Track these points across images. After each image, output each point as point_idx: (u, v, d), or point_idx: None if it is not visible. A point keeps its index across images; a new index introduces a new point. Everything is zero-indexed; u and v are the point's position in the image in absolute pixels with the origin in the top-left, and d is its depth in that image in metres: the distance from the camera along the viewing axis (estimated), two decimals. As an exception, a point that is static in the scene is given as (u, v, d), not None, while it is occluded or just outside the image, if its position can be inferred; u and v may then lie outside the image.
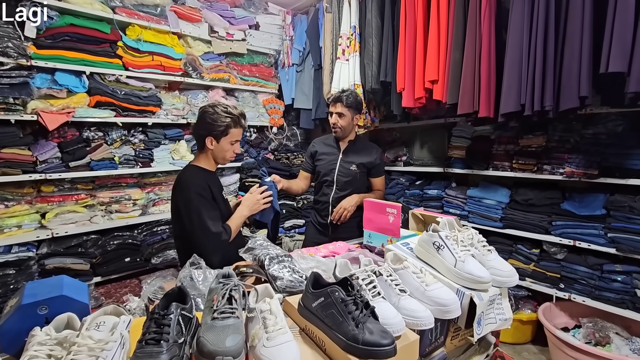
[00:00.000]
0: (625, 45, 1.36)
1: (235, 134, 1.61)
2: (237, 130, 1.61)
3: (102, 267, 2.40)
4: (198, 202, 1.53)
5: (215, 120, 1.55)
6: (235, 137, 1.61)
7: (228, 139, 1.59)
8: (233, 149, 1.64)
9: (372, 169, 2.16)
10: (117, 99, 2.41)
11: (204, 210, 1.53)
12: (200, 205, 1.53)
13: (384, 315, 0.77)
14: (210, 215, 1.54)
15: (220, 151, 1.61)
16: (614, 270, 2.08)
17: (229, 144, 1.61)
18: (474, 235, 1.03)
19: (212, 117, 1.56)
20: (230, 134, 1.59)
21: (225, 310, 0.71)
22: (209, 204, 1.56)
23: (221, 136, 1.58)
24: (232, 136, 1.60)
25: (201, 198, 1.54)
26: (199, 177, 1.59)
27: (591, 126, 2.14)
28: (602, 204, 2.11)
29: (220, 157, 1.65)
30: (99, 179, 2.49)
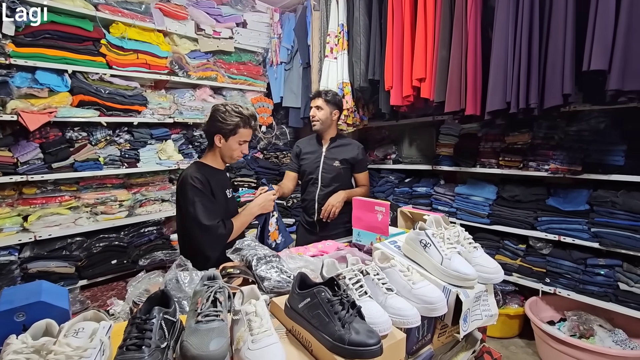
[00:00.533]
0: (606, 44, 1.39)
1: (244, 134, 1.63)
2: (246, 131, 1.63)
3: (87, 270, 2.35)
4: (193, 194, 1.54)
5: (225, 119, 1.58)
6: (244, 137, 1.63)
7: (236, 138, 1.62)
8: (241, 149, 1.66)
9: (355, 164, 2.19)
10: (101, 98, 2.36)
11: (198, 203, 1.53)
12: (196, 197, 1.54)
13: (371, 314, 0.77)
14: (205, 208, 1.54)
15: (228, 150, 1.64)
16: (597, 264, 2.13)
17: (237, 144, 1.63)
18: (460, 233, 1.04)
19: (223, 115, 1.58)
20: (239, 134, 1.61)
21: (210, 313, 0.70)
22: (205, 198, 1.56)
23: (230, 135, 1.60)
24: (241, 136, 1.62)
25: (197, 191, 1.54)
26: (199, 172, 1.60)
27: (575, 123, 2.18)
28: (585, 199, 2.16)
29: (227, 155, 1.67)
30: (84, 180, 2.44)
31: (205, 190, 1.58)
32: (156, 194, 2.77)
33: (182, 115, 2.80)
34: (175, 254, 2.72)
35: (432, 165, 2.93)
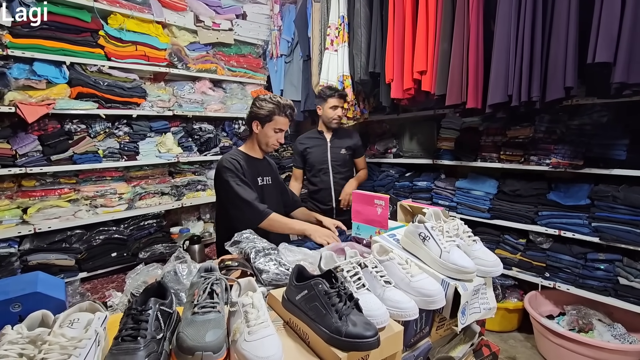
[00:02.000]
0: (611, 36, 1.36)
1: (280, 122, 1.69)
2: (281, 119, 1.68)
3: (87, 263, 2.36)
4: (227, 175, 1.62)
5: (262, 106, 1.67)
6: (279, 125, 1.69)
7: (272, 125, 1.68)
8: (277, 137, 1.71)
9: (356, 150, 2.48)
10: (99, 90, 2.34)
11: (233, 182, 1.61)
12: (230, 178, 1.62)
13: (368, 307, 0.76)
14: (240, 186, 1.61)
15: (264, 137, 1.70)
16: (597, 259, 2.13)
17: (273, 131, 1.69)
18: (459, 226, 1.03)
19: (260, 102, 1.68)
20: (275, 121, 1.67)
21: (206, 305, 0.70)
22: (237, 177, 1.63)
23: (265, 121, 1.67)
24: (276, 123, 1.68)
25: (230, 172, 1.63)
26: (232, 156, 1.70)
27: (577, 117, 2.17)
28: (586, 194, 2.14)
29: (263, 142, 1.73)
30: (83, 172, 2.43)
31: (240, 173, 1.65)
32: (156, 187, 2.77)
33: (182, 108, 2.78)
34: (175, 247, 2.73)
35: (433, 160, 2.91)
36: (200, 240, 2.66)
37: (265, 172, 1.82)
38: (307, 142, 2.43)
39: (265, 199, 1.76)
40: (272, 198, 1.82)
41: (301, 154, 2.43)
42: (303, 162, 2.46)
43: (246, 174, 1.68)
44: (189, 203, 2.90)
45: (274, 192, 1.85)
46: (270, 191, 1.81)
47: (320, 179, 2.41)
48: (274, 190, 1.84)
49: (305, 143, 2.43)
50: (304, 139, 2.46)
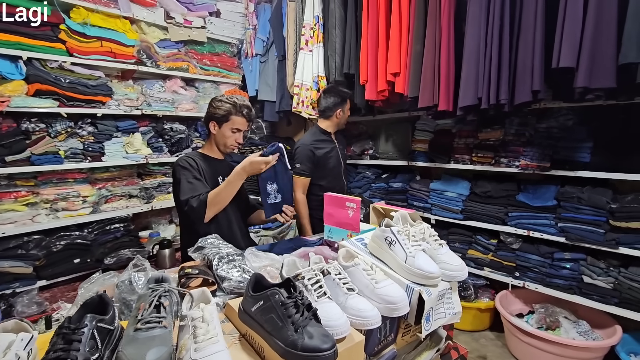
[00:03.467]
0: (574, 41, 1.40)
1: (237, 122, 1.66)
2: (238, 119, 1.66)
3: (47, 270, 2.22)
4: (180, 174, 1.58)
5: (218, 106, 1.65)
6: (236, 125, 1.67)
7: (229, 125, 1.66)
8: (234, 137, 1.69)
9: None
10: (60, 88, 2.21)
11: (183, 181, 1.56)
12: (182, 176, 1.57)
13: (328, 316, 0.73)
14: (188, 184, 1.55)
15: (221, 137, 1.69)
16: (563, 258, 2.19)
17: (230, 131, 1.67)
18: (425, 229, 1.02)
19: (217, 103, 1.67)
20: (232, 121, 1.65)
21: (151, 320, 0.65)
22: (190, 175, 1.58)
23: (223, 121, 1.65)
24: (234, 123, 1.66)
25: (183, 169, 1.59)
26: (190, 156, 1.67)
27: (544, 120, 2.22)
28: (553, 195, 2.20)
29: (221, 143, 1.71)
30: (43, 174, 2.29)
31: (193, 170, 1.60)
32: (123, 190, 2.65)
33: (151, 107, 2.67)
34: (143, 251, 2.62)
35: (408, 161, 2.93)
36: (171, 244, 2.56)
37: (226, 173, 1.72)
38: (323, 146, 2.21)
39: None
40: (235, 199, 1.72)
41: (317, 160, 2.18)
42: (314, 169, 2.19)
43: (204, 173, 1.65)
44: (159, 206, 2.79)
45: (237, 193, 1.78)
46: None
47: (335, 185, 2.27)
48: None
49: (322, 147, 2.20)
50: (317, 142, 2.21)
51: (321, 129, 2.29)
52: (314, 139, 2.25)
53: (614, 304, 1.98)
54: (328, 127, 2.29)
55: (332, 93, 2.23)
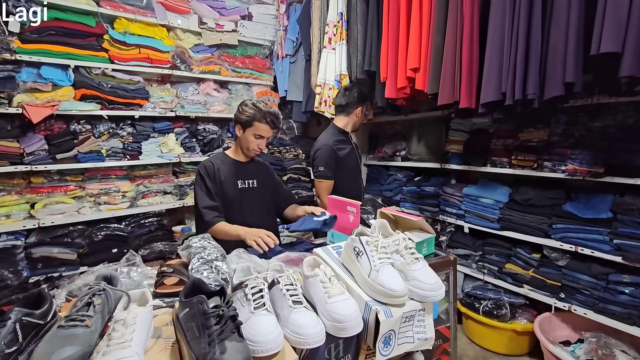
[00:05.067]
0: (619, 21, 1.15)
1: (260, 129, 1.66)
2: (262, 125, 1.66)
3: (89, 257, 2.45)
4: (196, 180, 1.70)
5: (243, 110, 1.68)
6: (259, 132, 1.67)
7: (252, 130, 1.67)
8: (257, 143, 1.70)
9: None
10: (103, 92, 2.43)
11: (197, 188, 1.68)
12: (196, 183, 1.69)
13: (257, 331, 0.67)
14: (202, 193, 1.67)
15: (244, 141, 1.71)
16: (621, 281, 1.85)
17: (253, 137, 1.68)
18: (401, 241, 0.91)
19: (242, 107, 1.70)
20: (255, 127, 1.66)
21: (76, 318, 0.65)
22: (204, 184, 1.67)
23: (246, 126, 1.68)
24: (256, 129, 1.66)
25: (199, 177, 1.69)
26: (212, 159, 1.74)
27: (598, 118, 1.90)
28: (609, 206, 1.87)
29: (245, 147, 1.74)
30: (89, 171, 2.54)
31: (209, 177, 1.68)
32: (159, 186, 2.83)
33: (184, 109, 2.82)
34: (175, 245, 2.77)
35: (441, 164, 2.72)
36: (199, 239, 2.67)
37: (249, 176, 1.78)
38: (344, 147, 2.13)
39: (243, 203, 1.74)
40: (255, 202, 1.79)
41: (340, 161, 2.09)
42: (336, 170, 2.09)
43: (223, 177, 1.70)
44: (191, 202, 2.93)
45: (259, 195, 1.80)
46: (252, 195, 1.77)
47: (354, 186, 2.20)
48: (258, 194, 1.80)
49: (343, 147, 2.12)
50: (338, 143, 2.11)
51: (339, 128, 2.18)
52: (335, 138, 2.12)
53: (685, 341, 1.62)
54: (346, 125, 2.18)
55: (355, 90, 2.12)
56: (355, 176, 2.24)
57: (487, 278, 2.43)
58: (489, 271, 2.43)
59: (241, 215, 1.72)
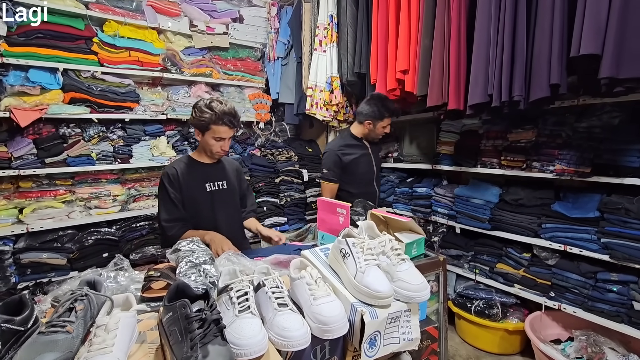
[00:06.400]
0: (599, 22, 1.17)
1: (219, 131, 1.60)
2: (220, 128, 1.59)
3: (79, 262, 2.42)
4: (159, 190, 1.65)
5: (198, 115, 1.60)
6: (218, 134, 1.60)
7: (211, 134, 1.61)
8: (220, 145, 1.64)
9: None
10: (92, 95, 2.41)
11: (160, 199, 1.63)
12: (160, 194, 1.64)
13: (241, 334, 0.67)
14: (164, 204, 1.62)
15: (206, 145, 1.65)
16: (609, 280, 1.87)
17: (213, 140, 1.62)
18: (387, 242, 0.91)
19: (196, 111, 1.61)
20: (212, 130, 1.59)
21: (57, 324, 0.65)
22: (167, 195, 1.61)
23: (204, 130, 1.61)
24: (215, 132, 1.60)
25: (162, 187, 1.63)
26: (176, 166, 1.67)
27: (585, 119, 1.92)
28: (596, 205, 1.90)
29: (207, 150, 1.68)
30: (79, 175, 2.52)
31: (173, 186, 1.62)
32: (150, 190, 2.81)
33: (175, 112, 2.81)
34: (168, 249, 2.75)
35: (432, 165, 2.74)
36: (190, 243, 2.65)
37: (218, 177, 1.74)
38: (351, 152, 2.13)
39: (214, 205, 1.70)
40: (225, 203, 1.75)
41: (345, 166, 2.11)
42: (342, 175, 2.14)
43: (189, 182, 1.64)
44: (183, 206, 2.92)
45: (229, 196, 1.77)
46: (222, 196, 1.74)
47: (366, 191, 2.17)
48: (228, 195, 1.77)
49: (351, 153, 2.12)
50: (345, 148, 2.13)
51: (352, 134, 2.19)
52: (343, 143, 2.16)
53: (672, 338, 1.64)
54: (359, 132, 2.18)
55: (373, 102, 2.04)
56: (367, 182, 2.22)
57: (479, 278, 2.44)
58: (481, 271, 2.45)
59: (213, 219, 1.68)
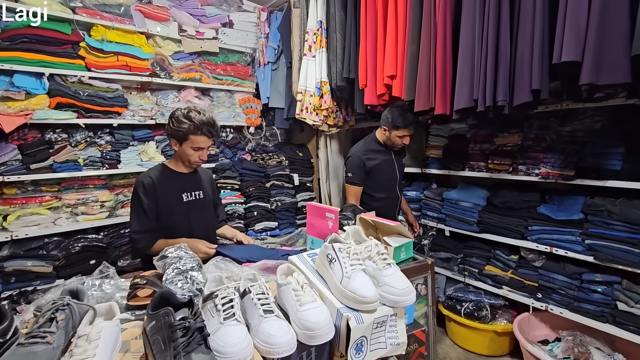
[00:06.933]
0: (578, 31, 1.20)
1: (197, 141, 1.58)
2: (198, 137, 1.57)
3: (65, 270, 2.37)
4: (133, 200, 1.60)
5: (175, 124, 1.56)
6: (197, 144, 1.58)
7: (189, 144, 1.58)
8: (198, 154, 1.62)
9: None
10: (79, 100, 2.38)
11: (132, 210, 1.59)
12: (132, 204, 1.60)
13: (226, 342, 0.67)
14: (137, 216, 1.58)
15: (183, 155, 1.62)
16: (594, 280, 1.91)
17: (191, 150, 1.59)
18: (373, 247, 0.92)
19: (174, 120, 1.57)
20: (191, 140, 1.57)
21: (37, 334, 0.64)
22: (140, 205, 1.58)
23: (182, 140, 1.58)
24: (193, 142, 1.58)
25: (136, 197, 1.59)
26: (150, 174, 1.63)
27: (568, 123, 1.97)
28: (581, 207, 1.94)
29: (185, 160, 1.65)
30: (65, 180, 2.47)
31: (147, 196, 1.58)
32: (139, 195, 2.78)
33: (164, 117, 2.79)
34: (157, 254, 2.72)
35: (421, 168, 2.77)
36: (180, 249, 2.63)
37: (194, 187, 1.72)
38: (375, 157, 2.13)
39: (191, 216, 1.68)
40: (202, 213, 1.74)
41: (368, 171, 2.13)
42: (366, 179, 2.15)
43: (165, 192, 1.61)
44: (172, 211, 2.89)
45: (205, 206, 1.76)
46: (199, 206, 1.72)
47: (388, 196, 2.21)
48: (205, 205, 1.75)
49: (374, 158, 2.13)
50: (369, 153, 2.14)
51: (376, 138, 2.18)
52: (367, 148, 2.16)
53: (655, 337, 1.68)
54: (381, 138, 2.16)
55: (390, 111, 2.02)
56: (390, 188, 2.22)
57: (468, 280, 2.47)
58: (470, 273, 2.47)
59: (190, 229, 1.66)
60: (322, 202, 3.36)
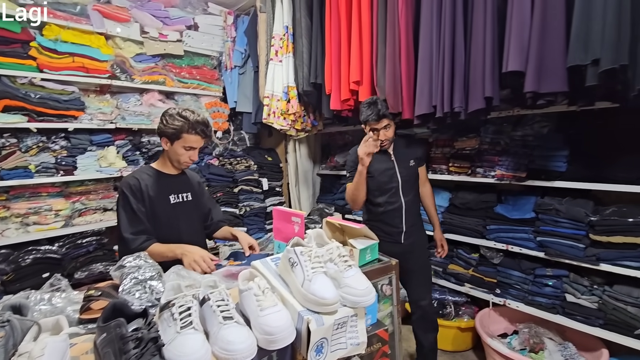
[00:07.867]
0: (522, 43, 1.30)
1: (190, 140, 1.56)
2: (191, 137, 1.56)
3: (14, 285, 2.20)
4: (120, 202, 1.54)
5: (169, 122, 1.54)
6: (189, 143, 1.56)
7: (181, 143, 1.56)
8: (189, 154, 1.60)
9: (421, 158, 2.01)
10: (30, 103, 2.24)
11: (122, 212, 1.53)
12: (120, 206, 1.54)
13: (182, 351, 0.66)
14: (127, 218, 1.52)
15: (174, 154, 1.60)
16: (545, 275, 2.05)
17: (183, 149, 1.57)
18: (334, 249, 0.94)
19: (167, 119, 1.55)
20: (184, 139, 1.55)
21: (-26, 354, 0.59)
22: (129, 207, 1.53)
23: (174, 139, 1.56)
24: (186, 141, 1.56)
25: (124, 198, 1.53)
26: (137, 176, 1.58)
27: (520, 128, 2.11)
28: (532, 206, 2.07)
29: (174, 160, 1.62)
30: (14, 188, 2.31)
31: (135, 197, 1.54)
32: (98, 203, 2.65)
33: (125, 121, 2.68)
34: (117, 265, 2.60)
35: (388, 172, 2.84)
36: (143, 258, 2.52)
37: (182, 189, 1.69)
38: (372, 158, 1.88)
39: (179, 219, 1.65)
40: (190, 216, 1.71)
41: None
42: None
43: (152, 194, 1.57)
44: (135, 219, 2.77)
45: (194, 209, 1.73)
46: (187, 209, 1.69)
47: (388, 201, 1.93)
48: (193, 208, 1.73)
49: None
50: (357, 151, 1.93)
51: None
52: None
53: (598, 325, 1.82)
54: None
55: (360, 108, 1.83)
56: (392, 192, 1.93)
57: (433, 279, 2.55)
58: (435, 272, 2.56)
59: (177, 233, 1.62)
60: (292, 207, 3.35)
